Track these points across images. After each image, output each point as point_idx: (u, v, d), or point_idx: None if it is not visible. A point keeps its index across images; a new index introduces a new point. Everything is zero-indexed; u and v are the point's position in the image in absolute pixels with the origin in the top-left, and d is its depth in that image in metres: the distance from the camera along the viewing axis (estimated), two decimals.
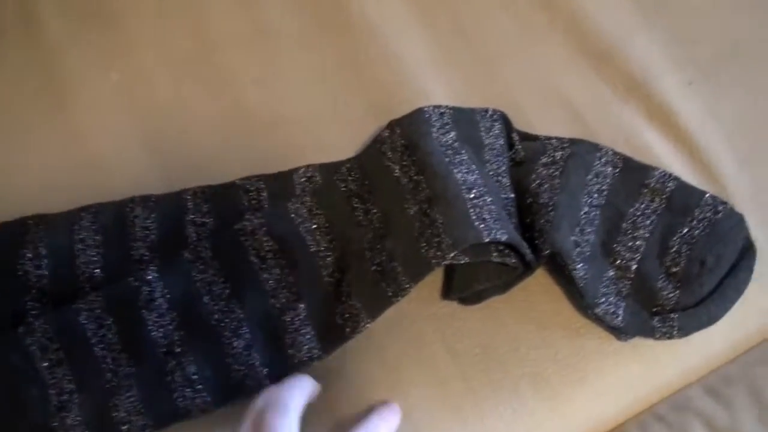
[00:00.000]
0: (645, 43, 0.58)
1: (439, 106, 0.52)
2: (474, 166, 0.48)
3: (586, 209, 0.50)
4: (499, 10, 0.59)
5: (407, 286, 0.45)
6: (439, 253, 0.44)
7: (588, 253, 0.49)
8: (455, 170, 0.47)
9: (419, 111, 0.52)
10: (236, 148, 0.54)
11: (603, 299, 0.48)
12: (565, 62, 0.58)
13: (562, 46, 0.58)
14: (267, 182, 0.52)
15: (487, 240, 0.44)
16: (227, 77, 0.56)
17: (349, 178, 0.51)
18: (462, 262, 0.46)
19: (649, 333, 0.49)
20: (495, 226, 0.45)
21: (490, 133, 0.52)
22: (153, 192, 0.52)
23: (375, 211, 0.49)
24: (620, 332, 0.49)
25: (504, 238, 0.44)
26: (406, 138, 0.50)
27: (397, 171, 0.49)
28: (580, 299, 0.49)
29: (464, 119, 0.52)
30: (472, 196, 0.46)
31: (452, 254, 0.44)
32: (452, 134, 0.50)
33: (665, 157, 0.54)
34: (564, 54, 0.58)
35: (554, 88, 0.57)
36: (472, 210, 0.45)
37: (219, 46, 0.57)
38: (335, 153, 0.53)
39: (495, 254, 0.45)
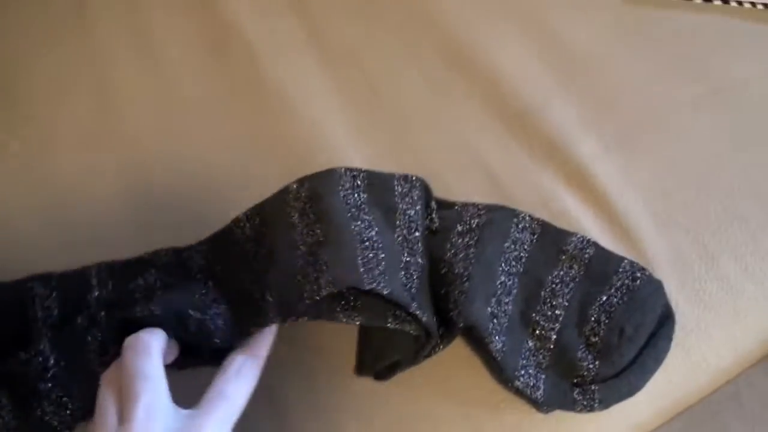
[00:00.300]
0: (562, 107, 0.58)
1: (353, 169, 0.51)
2: (377, 227, 0.47)
3: (502, 278, 0.49)
4: (416, 74, 0.59)
5: (273, 318, 0.43)
6: (315, 288, 0.42)
7: (506, 325, 0.48)
8: (353, 224, 0.46)
9: (331, 170, 0.50)
10: (145, 220, 0.53)
11: (523, 371, 0.47)
12: (482, 126, 0.58)
13: (480, 110, 0.58)
14: (177, 254, 0.50)
15: (367, 288, 0.42)
16: (134, 145, 0.55)
17: (247, 224, 0.50)
18: (356, 323, 0.44)
19: (570, 406, 0.47)
20: (380, 279, 0.43)
21: (406, 199, 0.51)
22: (55, 269, 0.49)
23: (263, 251, 0.48)
24: (541, 405, 0.47)
25: (385, 291, 0.42)
26: (312, 191, 0.49)
27: (295, 217, 0.47)
28: (500, 372, 0.47)
29: (379, 183, 0.51)
30: (364, 246, 0.44)
31: (326, 291, 0.42)
32: (362, 196, 0.49)
33: (584, 221, 0.54)
34: (482, 118, 0.58)
35: (472, 152, 0.56)
36: (360, 258, 0.43)
37: (125, 114, 0.56)
38: None
39: (390, 319, 0.44)
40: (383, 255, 0.45)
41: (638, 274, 0.50)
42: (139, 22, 0.60)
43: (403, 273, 0.46)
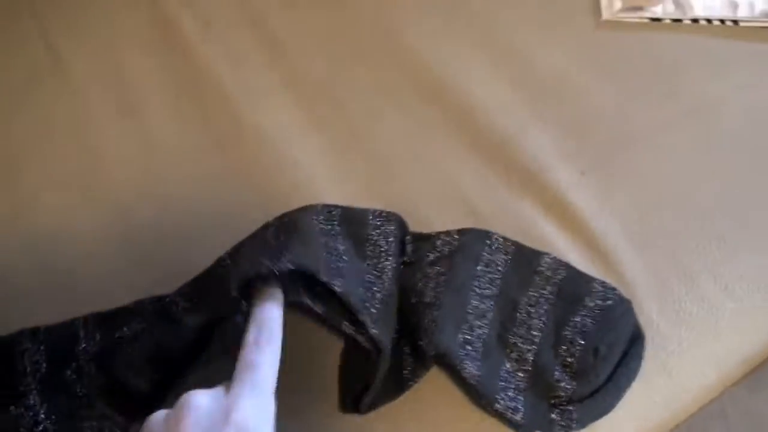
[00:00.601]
0: (537, 134, 0.59)
1: (329, 204, 0.52)
2: (346, 254, 0.48)
3: (475, 302, 0.50)
4: (393, 110, 0.60)
5: (233, 285, 0.44)
6: (275, 261, 0.43)
7: (481, 349, 0.48)
8: (323, 240, 0.47)
9: (308, 206, 0.52)
10: (128, 261, 0.53)
11: (502, 394, 0.48)
12: (460, 158, 0.58)
13: (457, 143, 0.59)
14: (160, 301, 0.51)
15: (323, 279, 0.43)
16: (115, 189, 0.56)
17: (229, 261, 0.50)
18: (317, 311, 0.45)
19: (548, 426, 0.48)
20: (337, 279, 0.44)
21: (378, 231, 0.52)
22: (43, 322, 0.50)
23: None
24: (521, 427, 0.48)
25: (338, 289, 0.44)
26: (287, 219, 0.50)
27: (270, 239, 0.48)
28: (478, 397, 0.48)
29: (354, 218, 0.52)
30: (329, 254, 0.46)
31: (285, 266, 0.43)
32: (336, 228, 0.50)
33: (563, 247, 0.55)
34: (459, 150, 0.59)
35: (450, 185, 0.57)
36: (323, 259, 0.45)
37: (106, 158, 0.57)
38: None
39: (347, 323, 0.45)
40: (346, 267, 0.46)
41: (610, 295, 0.51)
42: (116, 69, 0.61)
43: (363, 289, 0.47)
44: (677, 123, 0.60)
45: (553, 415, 0.48)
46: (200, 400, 0.38)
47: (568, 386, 0.48)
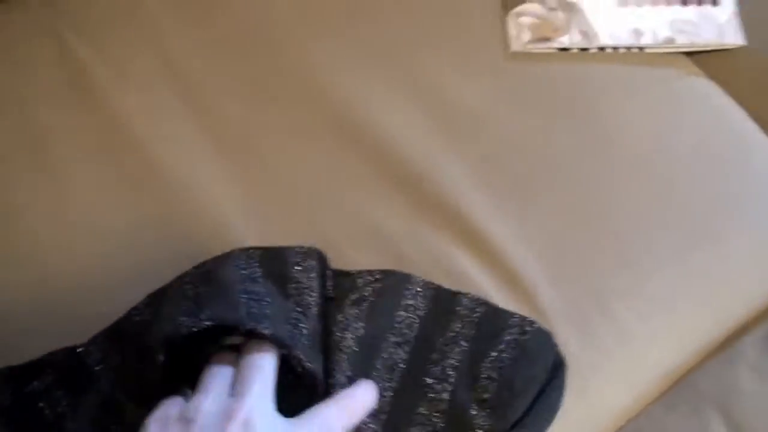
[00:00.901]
0: (452, 167, 0.60)
1: (248, 248, 0.52)
2: (268, 295, 0.48)
3: (389, 351, 0.50)
4: (309, 150, 0.60)
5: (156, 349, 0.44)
6: (194, 320, 0.43)
7: (390, 397, 0.49)
8: (242, 286, 0.47)
9: (226, 253, 0.52)
10: (45, 323, 0.53)
11: None
12: (377, 194, 0.59)
13: (374, 179, 0.59)
14: (72, 352, 0.51)
15: (248, 327, 0.43)
16: (29, 241, 0.55)
17: (145, 310, 0.51)
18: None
19: None
20: (264, 322, 0.44)
21: (299, 268, 0.52)
22: None
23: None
24: None
25: (267, 332, 0.44)
26: (206, 267, 0.50)
27: (188, 289, 0.48)
28: None
29: (273, 257, 0.53)
30: (250, 298, 0.46)
31: (205, 324, 0.43)
32: (257, 270, 0.51)
33: (480, 280, 0.56)
34: (376, 186, 0.59)
35: (367, 222, 0.58)
36: (244, 305, 0.45)
37: (23, 218, 0.56)
38: None
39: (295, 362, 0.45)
40: (269, 309, 0.46)
41: (527, 328, 0.52)
42: (28, 122, 0.60)
43: (290, 326, 0.47)
44: (587, 151, 0.62)
45: None
46: (204, 406, 0.39)
47: (485, 423, 0.49)
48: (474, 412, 0.49)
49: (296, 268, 0.52)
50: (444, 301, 0.53)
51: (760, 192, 0.62)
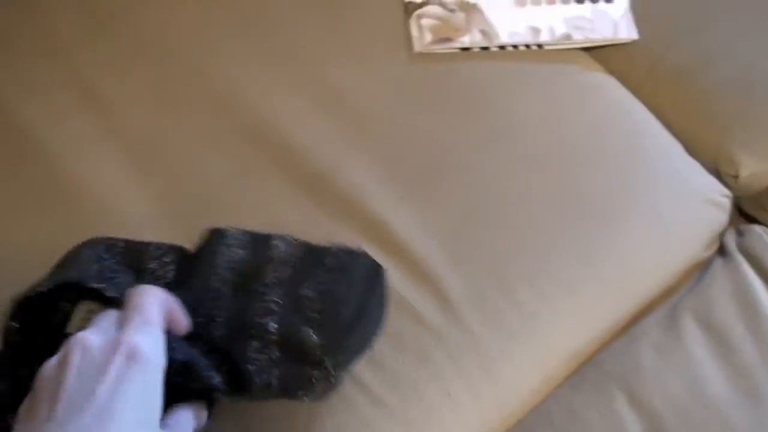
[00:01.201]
0: (356, 165, 0.61)
1: (113, 238, 0.52)
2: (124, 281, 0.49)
3: (211, 304, 0.50)
4: (214, 154, 0.61)
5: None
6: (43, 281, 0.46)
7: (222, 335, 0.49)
8: (97, 265, 0.49)
9: (90, 239, 0.52)
10: None
11: (259, 376, 0.47)
12: (282, 195, 0.60)
13: (278, 180, 0.60)
14: None
15: (91, 284, 0.46)
16: None
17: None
18: None
19: (309, 384, 0.48)
20: (110, 285, 0.46)
21: (157, 262, 0.53)
22: None
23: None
24: (292, 396, 0.48)
25: (111, 293, 0.46)
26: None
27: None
28: (248, 394, 0.47)
29: (134, 250, 0.53)
30: (101, 271, 0.48)
31: (51, 283, 0.45)
32: (118, 259, 0.52)
33: (386, 270, 0.56)
34: (280, 187, 0.60)
35: (274, 221, 0.58)
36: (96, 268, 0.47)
37: None
38: None
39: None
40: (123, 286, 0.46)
41: (343, 248, 0.53)
42: None
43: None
44: (487, 145, 0.64)
45: (311, 371, 0.48)
46: (90, 339, 0.39)
47: (316, 338, 0.48)
48: (304, 332, 0.48)
49: (154, 261, 0.53)
50: (260, 249, 0.53)
51: (656, 176, 0.64)
